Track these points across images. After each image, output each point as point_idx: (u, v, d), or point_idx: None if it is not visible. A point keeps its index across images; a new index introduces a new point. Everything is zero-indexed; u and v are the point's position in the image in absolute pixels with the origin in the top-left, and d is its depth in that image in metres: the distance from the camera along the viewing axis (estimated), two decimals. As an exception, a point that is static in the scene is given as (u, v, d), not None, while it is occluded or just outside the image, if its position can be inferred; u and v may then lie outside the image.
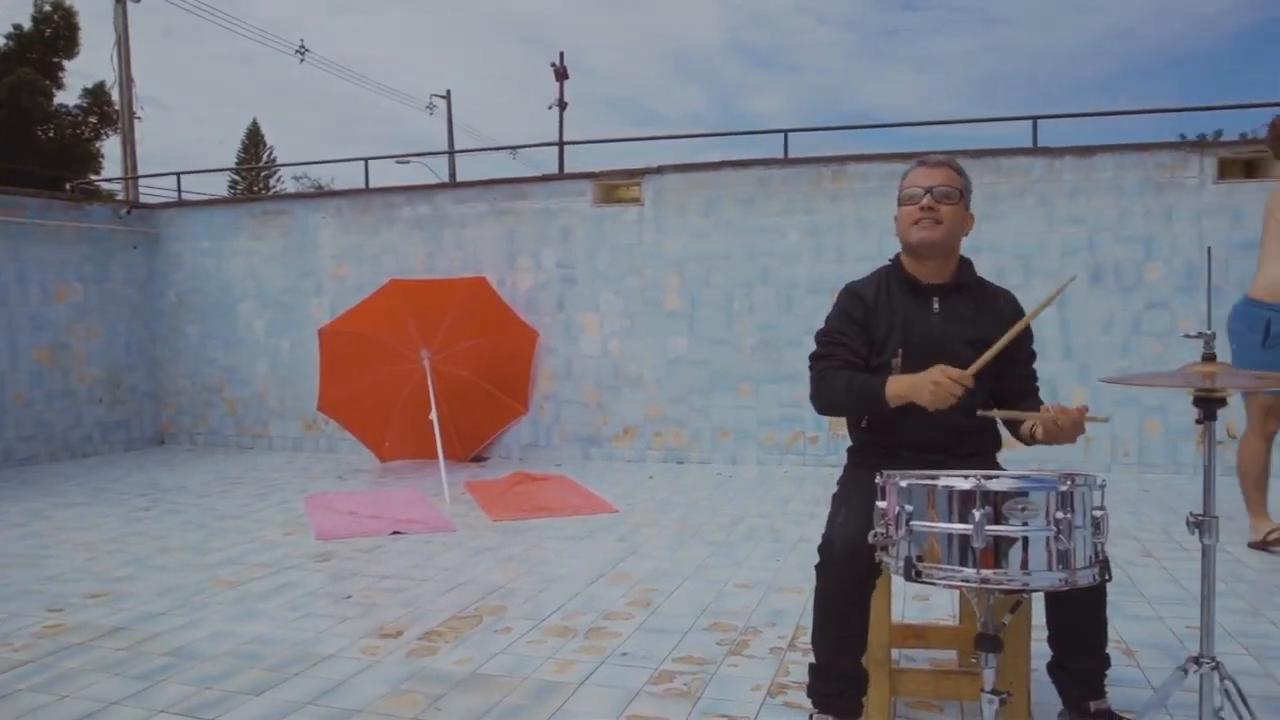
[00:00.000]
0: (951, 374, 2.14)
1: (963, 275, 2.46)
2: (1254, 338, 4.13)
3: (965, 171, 2.45)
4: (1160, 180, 6.36)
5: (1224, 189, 6.30)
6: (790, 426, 6.89)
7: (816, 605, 2.20)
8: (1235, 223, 6.21)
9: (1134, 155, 6.41)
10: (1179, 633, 3.15)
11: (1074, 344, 6.39)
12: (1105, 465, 6.33)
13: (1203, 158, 6.36)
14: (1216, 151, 6.44)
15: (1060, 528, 1.66)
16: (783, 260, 6.91)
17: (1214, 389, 1.82)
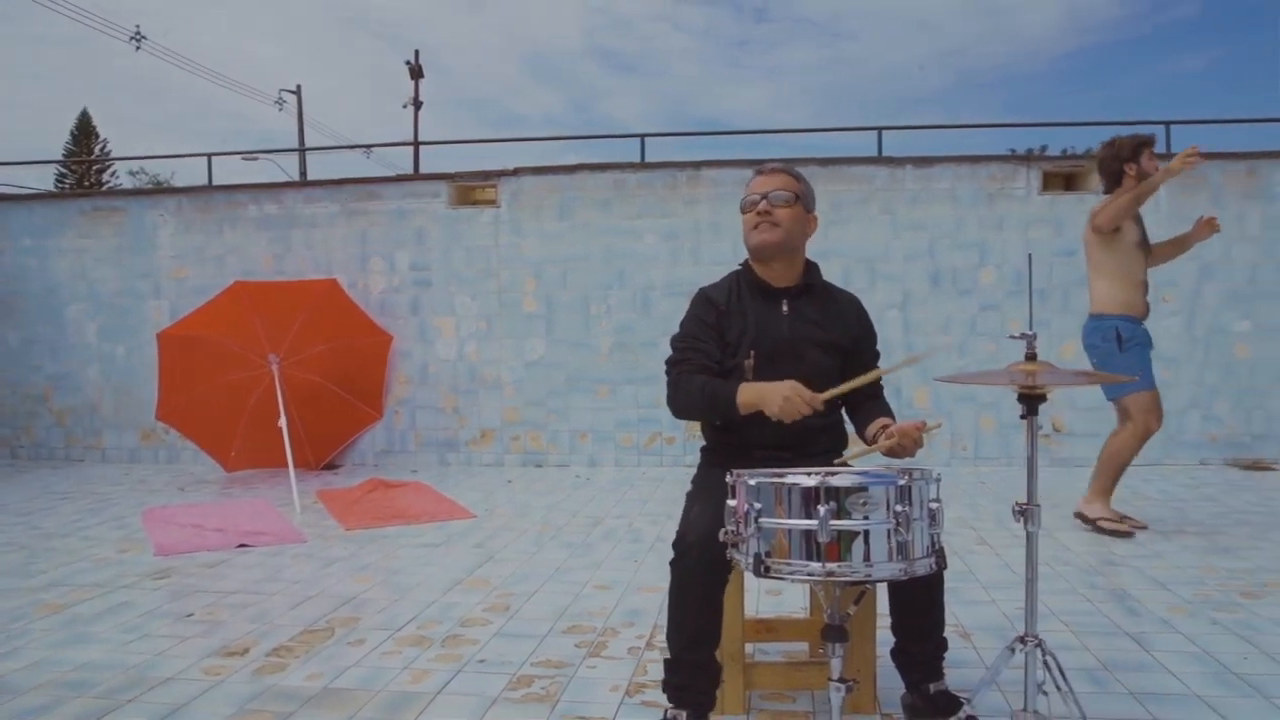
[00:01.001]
0: (804, 395, 2.22)
1: (809, 278, 2.55)
2: (1109, 347, 4.46)
3: (804, 177, 2.53)
4: (992, 191, 6.75)
5: (1047, 200, 6.74)
6: (648, 428, 6.96)
7: (671, 601, 2.24)
8: (1057, 231, 6.66)
9: (968, 166, 6.79)
10: (1010, 614, 3.35)
11: (916, 344, 6.70)
12: (945, 459, 6.66)
13: (1029, 170, 6.80)
14: (1041, 165, 6.90)
15: (899, 520, 1.74)
16: (639, 263, 6.99)
17: (1035, 386, 1.94)
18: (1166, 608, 3.40)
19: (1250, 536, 4.47)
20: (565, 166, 7.18)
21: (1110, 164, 4.59)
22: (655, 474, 6.64)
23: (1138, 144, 4.51)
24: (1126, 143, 4.54)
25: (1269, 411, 6.67)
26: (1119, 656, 2.92)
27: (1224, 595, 3.54)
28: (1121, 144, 4.56)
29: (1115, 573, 3.87)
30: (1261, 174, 6.67)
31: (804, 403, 2.21)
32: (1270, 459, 6.61)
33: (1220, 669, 2.80)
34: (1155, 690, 2.65)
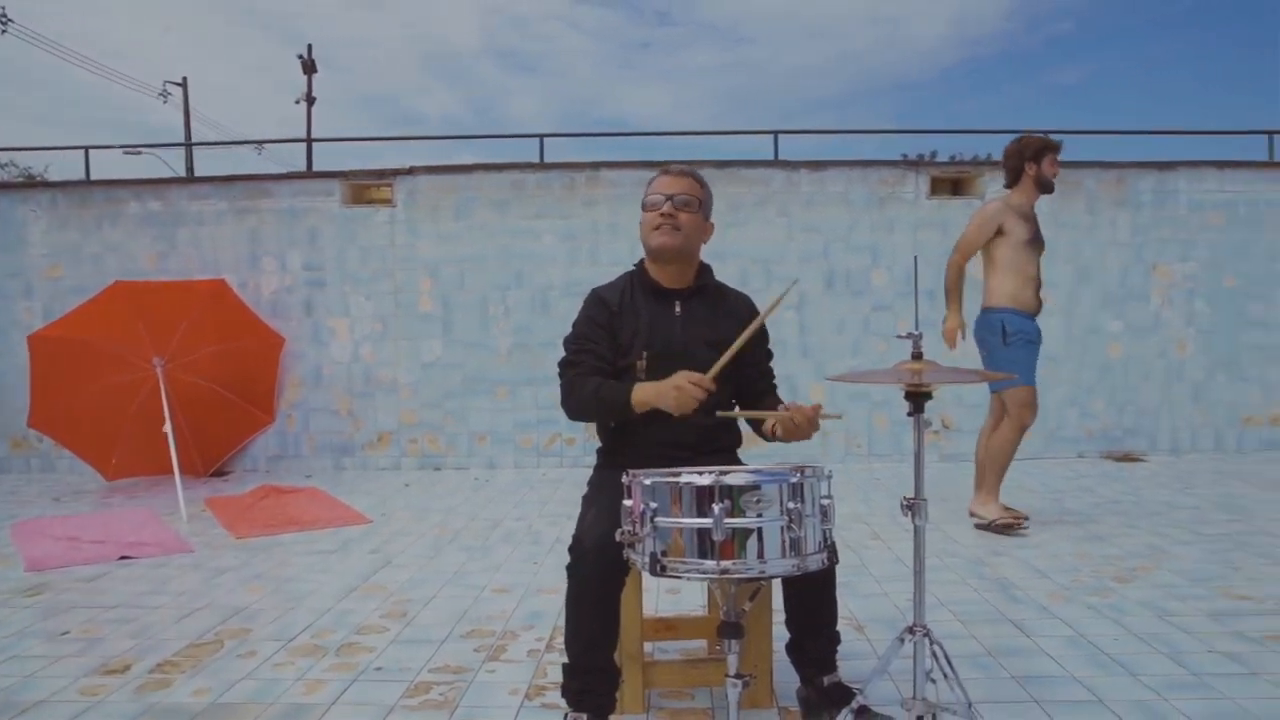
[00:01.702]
0: (693, 378, 2.24)
1: (703, 279, 2.58)
2: (995, 340, 4.61)
3: (707, 183, 2.57)
4: (883, 195, 6.95)
5: (935, 204, 6.97)
6: (547, 429, 6.94)
7: (568, 605, 2.23)
8: (945, 234, 6.88)
9: (860, 171, 6.97)
10: (901, 606, 3.45)
11: (811, 344, 6.85)
12: (841, 456, 6.83)
13: (918, 175, 7.02)
14: (929, 170, 7.13)
15: (792, 517, 1.78)
16: (538, 263, 6.96)
17: (921, 384, 2.01)
18: (1046, 594, 3.56)
19: (1122, 525, 4.71)
20: (462, 166, 7.10)
21: (1014, 159, 4.71)
22: (555, 475, 6.62)
23: (1043, 147, 4.65)
24: (1033, 143, 4.67)
25: (1139, 407, 7.04)
26: (1002, 642, 3.04)
27: (1098, 581, 3.73)
28: (1028, 143, 4.69)
29: (999, 563, 4.03)
30: (1129, 182, 7.03)
31: (696, 387, 2.23)
32: (1140, 451, 6.97)
33: (1094, 650, 2.95)
34: (1036, 673, 2.77)
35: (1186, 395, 7.08)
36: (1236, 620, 3.23)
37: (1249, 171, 7.15)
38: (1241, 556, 4.07)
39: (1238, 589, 3.60)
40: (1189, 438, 7.08)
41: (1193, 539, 4.40)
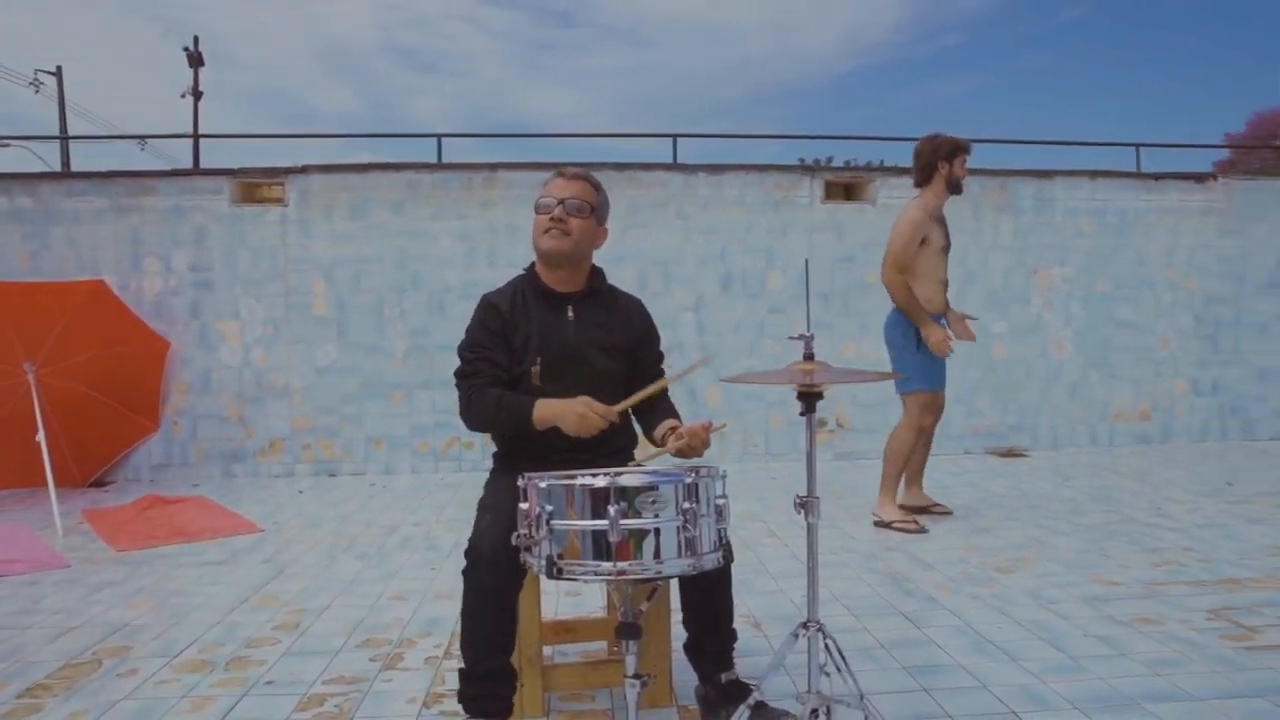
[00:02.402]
0: (598, 409, 2.25)
1: (595, 283, 2.58)
2: (906, 342, 4.69)
3: (602, 188, 2.55)
4: (778, 198, 7.08)
5: (829, 208, 7.14)
6: (445, 433, 6.85)
7: (464, 611, 2.21)
8: (839, 238, 7.07)
9: (756, 175, 7.09)
10: (797, 602, 3.52)
11: (708, 345, 6.93)
12: (738, 456, 6.93)
13: (812, 180, 7.17)
14: (823, 175, 7.30)
15: (687, 517, 1.80)
16: (434, 265, 6.87)
17: (813, 384, 2.05)
18: (935, 587, 3.68)
19: (1004, 517, 4.91)
20: (357, 165, 6.95)
21: (928, 158, 4.77)
22: (453, 480, 6.54)
23: (956, 147, 4.75)
24: (946, 143, 4.75)
25: (1021, 405, 7.34)
26: (893, 634, 3.13)
27: (983, 572, 3.87)
28: (942, 143, 4.76)
29: (892, 557, 4.15)
30: (1011, 189, 7.33)
31: (599, 417, 2.25)
32: (1023, 447, 7.27)
33: (979, 638, 3.06)
34: (925, 663, 2.86)
35: (1064, 393, 7.41)
36: (1108, 605, 3.40)
37: (1118, 181, 7.54)
38: (1113, 544, 4.29)
39: (1109, 575, 3.79)
40: (1067, 433, 7.41)
41: (1070, 529, 4.61)
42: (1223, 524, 4.69)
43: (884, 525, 4.71)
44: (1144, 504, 5.21)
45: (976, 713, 2.50)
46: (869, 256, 7.07)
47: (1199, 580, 3.71)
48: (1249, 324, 7.69)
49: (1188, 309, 7.61)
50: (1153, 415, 7.56)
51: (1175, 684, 2.67)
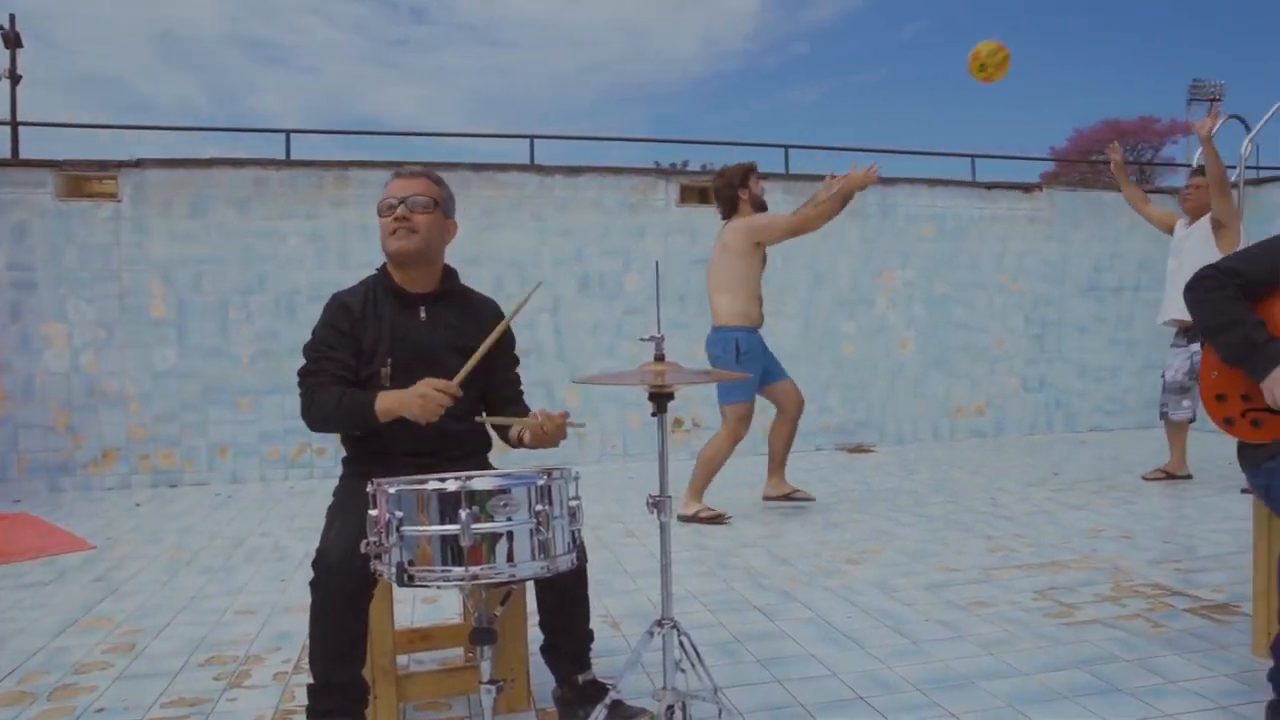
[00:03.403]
0: (437, 385, 2.22)
1: (448, 284, 2.55)
2: (728, 357, 4.86)
3: (444, 182, 2.52)
4: (634, 201, 7.15)
5: (685, 211, 7.26)
6: (295, 439, 6.61)
7: (313, 622, 2.14)
8: (693, 240, 7.19)
9: (613, 177, 7.14)
10: (655, 601, 3.56)
11: (566, 347, 6.93)
12: (596, 457, 6.96)
13: (668, 183, 7.27)
14: (679, 179, 7.41)
15: (540, 519, 1.80)
16: (283, 266, 6.62)
17: (663, 385, 2.08)
18: (788, 581, 3.79)
19: (853, 511, 5.10)
20: (199, 160, 6.63)
21: (725, 191, 5.01)
22: (305, 487, 6.33)
23: (745, 171, 4.98)
24: (736, 171, 4.99)
25: (869, 402, 7.65)
26: (748, 628, 3.21)
27: (833, 565, 4.02)
28: (731, 173, 4.99)
29: (747, 553, 4.25)
30: (857, 196, 7.58)
31: (441, 393, 2.21)
32: (870, 443, 7.58)
33: (829, 628, 3.17)
34: (778, 655, 2.94)
35: (908, 390, 7.77)
36: (947, 590, 3.59)
37: (955, 189, 7.96)
38: (952, 533, 4.53)
39: (949, 562, 4.00)
40: (911, 429, 7.77)
41: (913, 520, 4.84)
42: (1048, 511, 5.02)
43: (689, 519, 4.88)
44: (980, 494, 5.52)
45: (826, 700, 2.59)
46: (723, 259, 7.24)
47: (1027, 564, 3.96)
48: (1070, 324, 8.25)
49: (1018, 310, 8.10)
50: (988, 410, 8.01)
51: (1006, 661, 2.84)
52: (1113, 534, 4.49)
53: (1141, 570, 3.85)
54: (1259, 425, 2.48)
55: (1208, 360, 2.62)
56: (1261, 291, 2.49)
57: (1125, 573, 3.81)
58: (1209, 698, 2.57)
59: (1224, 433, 2.60)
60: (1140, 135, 31.23)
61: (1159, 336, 8.43)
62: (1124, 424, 8.42)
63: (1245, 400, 2.50)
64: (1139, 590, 3.57)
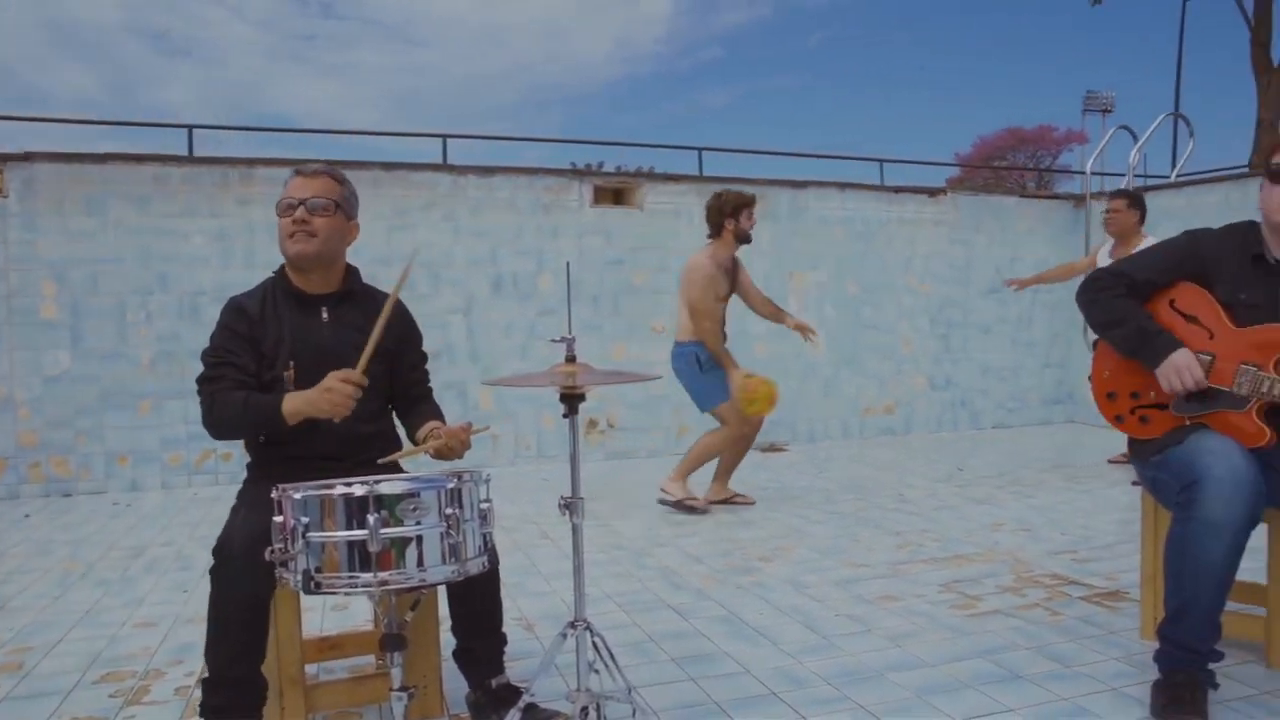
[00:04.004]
0: (341, 375, 2.17)
1: (350, 284, 2.49)
2: (692, 370, 5.00)
3: (346, 180, 2.46)
4: (548, 201, 7.13)
5: (598, 212, 7.26)
6: (199, 445, 6.41)
7: (211, 613, 2.07)
8: (607, 241, 7.20)
9: (527, 178, 7.10)
10: (569, 602, 3.54)
11: (479, 348, 6.87)
12: (510, 459, 6.91)
13: (581, 184, 7.27)
14: (593, 180, 7.40)
15: (450, 523, 1.78)
16: (185, 266, 6.41)
17: (574, 386, 2.08)
18: (702, 579, 3.82)
19: (766, 509, 5.17)
20: (94, 155, 6.37)
21: (714, 215, 5.07)
22: (210, 494, 6.13)
23: (740, 204, 5.04)
24: (731, 199, 5.04)
25: (782, 402, 7.73)
26: (663, 627, 3.23)
27: (746, 562, 4.07)
28: (727, 199, 5.05)
29: (662, 553, 4.27)
30: (769, 198, 7.74)
31: (346, 382, 2.16)
32: (784, 442, 7.69)
33: (742, 626, 3.21)
34: (692, 653, 2.97)
35: (819, 390, 7.91)
36: (857, 586, 3.66)
37: (864, 193, 8.14)
38: (862, 530, 4.63)
39: (857, 558, 4.09)
40: (822, 427, 7.92)
41: (824, 517, 4.93)
42: (954, 506, 5.17)
43: (670, 503, 5.00)
44: (889, 491, 5.65)
45: (739, 697, 2.62)
46: (637, 260, 7.27)
47: (934, 558, 4.07)
48: (974, 325, 8.51)
49: (924, 311, 8.32)
50: (896, 409, 8.21)
51: (913, 653, 2.91)
52: (1013, 527, 4.64)
53: (1040, 561, 3.99)
54: (1147, 422, 2.60)
55: (1099, 362, 2.74)
56: (1148, 293, 2.62)
57: (1025, 564, 3.95)
58: (1101, 680, 2.68)
59: (1115, 429, 2.72)
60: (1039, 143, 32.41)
61: (1057, 337, 8.78)
62: (1025, 420, 8.72)
63: (1134, 398, 2.62)
64: (1038, 580, 3.70)
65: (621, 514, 5.09)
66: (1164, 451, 2.51)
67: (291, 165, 6.48)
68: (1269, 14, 13.55)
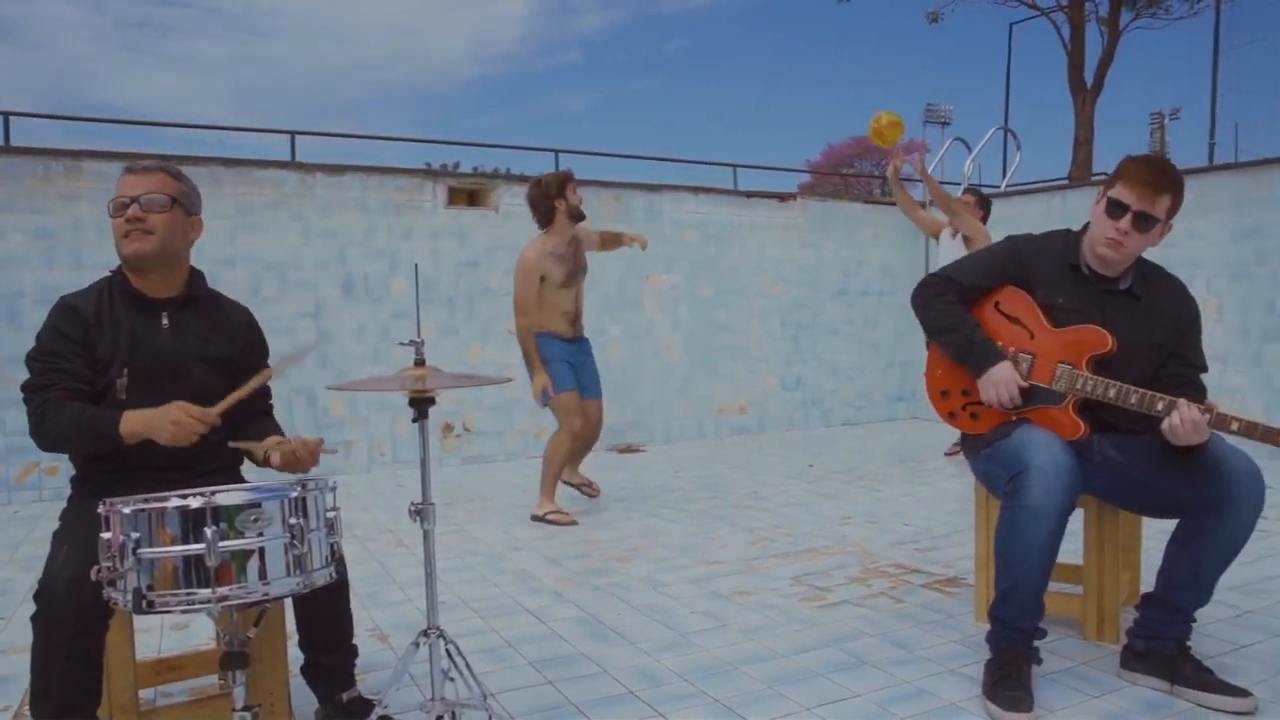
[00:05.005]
0: (194, 413, 2.06)
1: (194, 288, 2.37)
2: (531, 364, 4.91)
3: (184, 176, 2.34)
4: (400, 202, 6.98)
5: (453, 213, 7.16)
6: (21, 458, 5.97)
7: (35, 662, 1.93)
8: (462, 243, 7.11)
9: (378, 177, 6.93)
10: (424, 610, 3.48)
11: (330, 353, 6.65)
12: (365, 465, 6.73)
13: (435, 185, 7.15)
14: (446, 180, 7.29)
15: (295, 533, 1.72)
16: (2, 265, 5.96)
17: (424, 390, 2.05)
18: (559, 581, 3.82)
19: (624, 510, 5.21)
20: (-108, 147, 5.85)
21: (541, 202, 4.95)
22: (32, 512, 5.71)
23: (562, 181, 4.95)
24: (553, 180, 4.95)
25: (638, 403, 7.84)
26: (520, 631, 3.21)
27: (603, 563, 4.09)
28: (548, 182, 4.95)
29: (519, 556, 4.24)
30: (625, 200, 7.81)
31: (197, 421, 2.06)
32: (640, 443, 7.77)
33: (600, 626, 3.23)
34: (550, 656, 2.96)
35: (675, 391, 8.03)
36: (712, 582, 3.74)
37: (717, 196, 8.32)
38: (717, 527, 4.72)
39: (712, 555, 4.17)
40: (678, 428, 8.04)
41: (680, 516, 5.01)
42: (805, 502, 5.34)
43: (539, 519, 4.90)
44: (743, 489, 5.79)
45: (597, 698, 2.63)
46: (493, 262, 7.21)
47: (785, 553, 4.19)
48: (823, 326, 8.82)
49: (775, 313, 8.56)
50: (750, 409, 8.41)
51: (766, 646, 3.00)
52: (861, 520, 4.84)
53: (885, 552, 4.18)
54: (977, 418, 2.76)
55: (933, 361, 2.89)
56: (975, 296, 2.79)
57: (871, 555, 4.12)
58: (940, 662, 2.82)
59: (948, 425, 2.88)
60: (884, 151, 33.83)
61: (901, 337, 9.19)
62: (871, 418, 9.09)
63: (965, 395, 2.78)
64: (883, 571, 3.87)
65: (478, 518, 5.03)
66: (993, 445, 2.67)
67: (123, 160, 6.16)
68: (1083, 41, 14.64)
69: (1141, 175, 2.52)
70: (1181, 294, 2.75)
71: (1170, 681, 2.56)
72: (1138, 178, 2.51)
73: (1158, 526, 2.77)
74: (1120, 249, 2.56)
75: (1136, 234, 2.53)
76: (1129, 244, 2.55)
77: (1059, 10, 14.94)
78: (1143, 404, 2.47)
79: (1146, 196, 2.51)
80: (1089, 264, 2.69)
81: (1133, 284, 2.68)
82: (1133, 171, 2.53)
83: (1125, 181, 2.54)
